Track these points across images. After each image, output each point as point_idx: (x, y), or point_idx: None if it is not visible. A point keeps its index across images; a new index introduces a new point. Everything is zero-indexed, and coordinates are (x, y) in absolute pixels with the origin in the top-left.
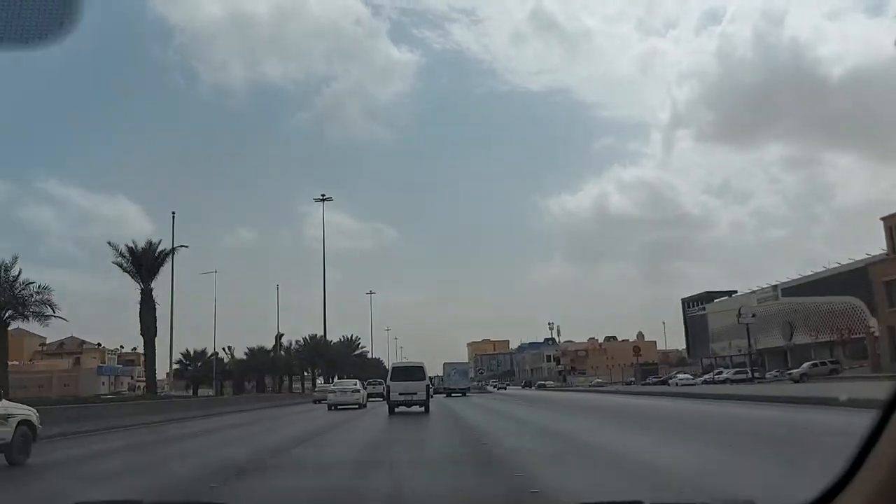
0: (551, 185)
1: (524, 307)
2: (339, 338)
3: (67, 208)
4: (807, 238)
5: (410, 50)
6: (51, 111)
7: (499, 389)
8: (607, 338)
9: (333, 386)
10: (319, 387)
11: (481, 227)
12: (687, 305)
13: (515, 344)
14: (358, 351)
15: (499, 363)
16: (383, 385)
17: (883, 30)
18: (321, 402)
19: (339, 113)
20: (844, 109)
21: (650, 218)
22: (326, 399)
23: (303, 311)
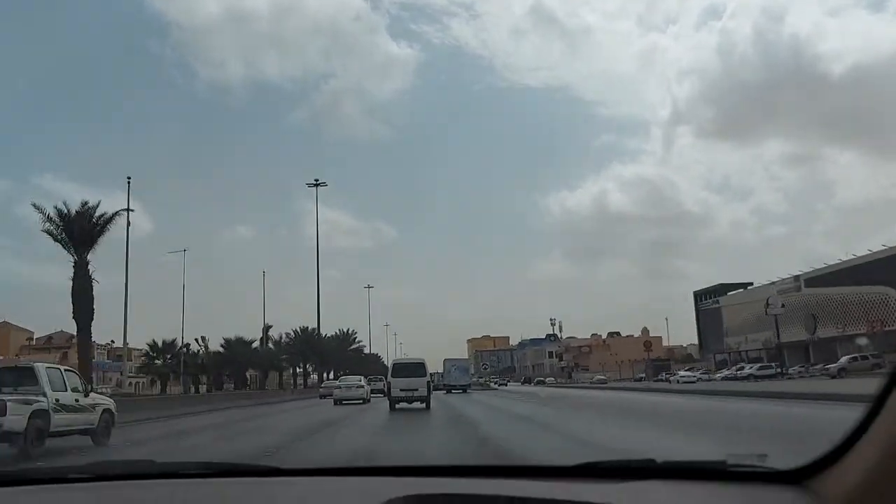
0: (551, 183)
1: (524, 304)
2: (335, 331)
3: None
4: (807, 235)
5: (409, 45)
6: (48, 107)
7: (500, 386)
8: (611, 333)
9: (339, 382)
10: (326, 383)
11: (481, 224)
12: (699, 298)
13: (516, 340)
14: (354, 345)
15: (499, 359)
16: (384, 381)
17: (884, 26)
18: (327, 398)
19: (338, 110)
20: (845, 106)
21: (650, 215)
22: (333, 394)
23: (302, 310)
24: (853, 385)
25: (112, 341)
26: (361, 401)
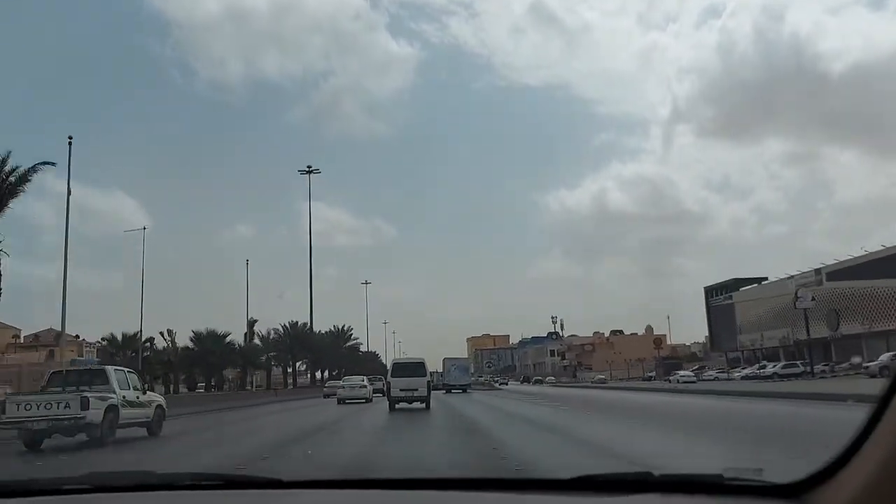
0: (550, 181)
1: (524, 303)
2: (331, 327)
3: (64, 203)
4: (807, 234)
5: (409, 44)
6: (47, 105)
7: (500, 385)
8: (613, 331)
9: (342, 382)
10: (329, 383)
11: (480, 223)
12: (710, 294)
13: (516, 339)
14: (350, 342)
15: (499, 358)
16: (383, 381)
17: (884, 25)
18: (330, 397)
19: (337, 108)
20: (845, 105)
21: (650, 214)
22: (336, 394)
23: (302, 309)
24: None
25: (101, 339)
26: (364, 400)
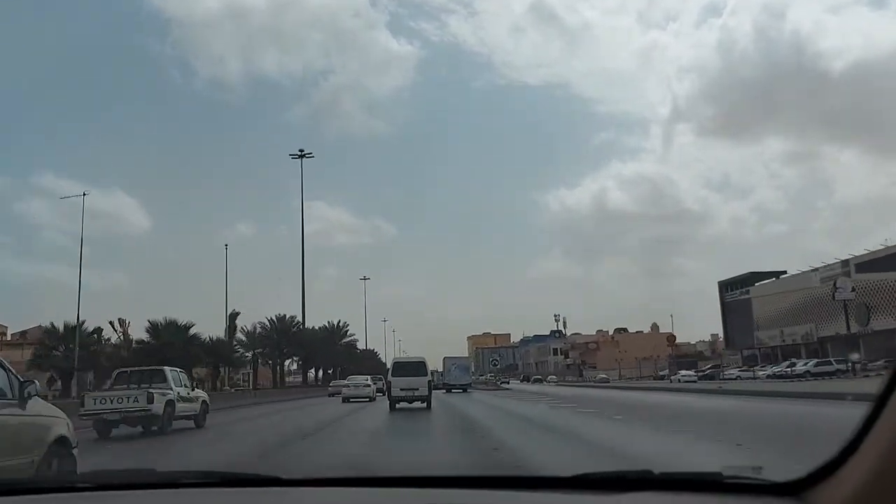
0: (550, 180)
1: (524, 302)
2: (325, 323)
3: (63, 203)
4: (807, 233)
5: (409, 42)
6: (47, 104)
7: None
8: (618, 329)
9: (347, 381)
10: (334, 382)
11: (480, 222)
12: (725, 289)
13: (517, 338)
14: (346, 339)
15: (501, 357)
16: (383, 381)
17: (885, 23)
18: (335, 396)
19: (337, 106)
20: (846, 103)
21: (650, 213)
22: (341, 393)
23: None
24: None
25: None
26: (368, 399)
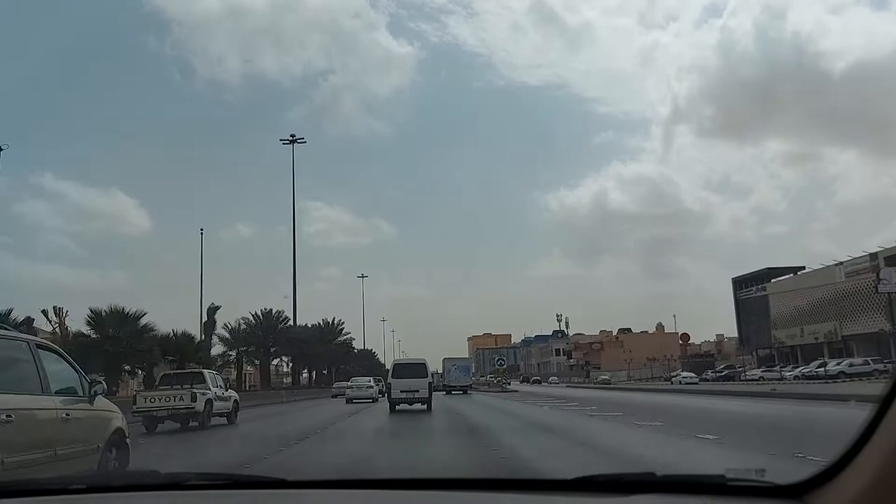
0: (550, 180)
1: (524, 302)
2: (319, 321)
3: (62, 203)
4: (807, 234)
5: (409, 43)
6: (46, 104)
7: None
8: (622, 329)
9: (350, 383)
10: (337, 383)
11: (480, 222)
12: (739, 286)
13: (518, 338)
14: (341, 338)
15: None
16: (382, 382)
17: (886, 24)
18: (338, 397)
19: (337, 107)
20: (846, 104)
21: (650, 213)
22: (345, 394)
23: (301, 309)
24: None
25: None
26: (371, 400)
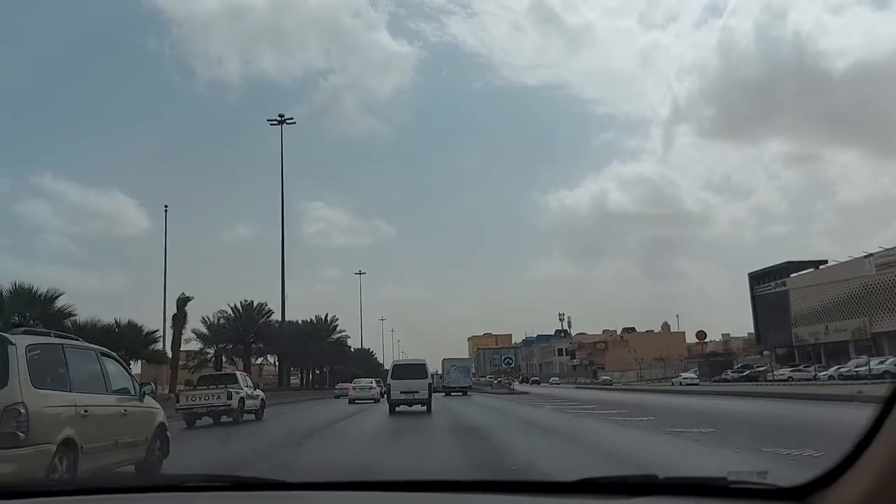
0: (550, 181)
1: (524, 302)
2: (312, 318)
3: (62, 203)
4: (807, 235)
5: (408, 43)
6: (46, 105)
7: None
8: (626, 329)
9: (353, 384)
10: (339, 385)
11: (480, 222)
12: (756, 281)
13: (518, 338)
14: (335, 336)
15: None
16: (381, 383)
17: (886, 24)
18: (341, 398)
19: (337, 107)
20: (847, 105)
21: (650, 214)
22: (347, 395)
23: (302, 309)
24: None
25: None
26: (373, 400)
